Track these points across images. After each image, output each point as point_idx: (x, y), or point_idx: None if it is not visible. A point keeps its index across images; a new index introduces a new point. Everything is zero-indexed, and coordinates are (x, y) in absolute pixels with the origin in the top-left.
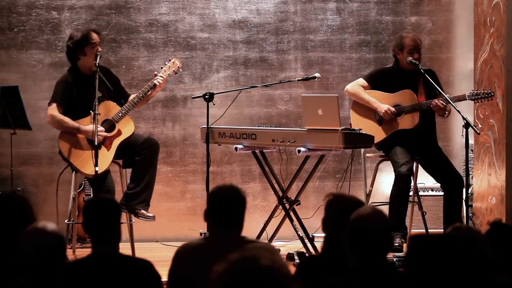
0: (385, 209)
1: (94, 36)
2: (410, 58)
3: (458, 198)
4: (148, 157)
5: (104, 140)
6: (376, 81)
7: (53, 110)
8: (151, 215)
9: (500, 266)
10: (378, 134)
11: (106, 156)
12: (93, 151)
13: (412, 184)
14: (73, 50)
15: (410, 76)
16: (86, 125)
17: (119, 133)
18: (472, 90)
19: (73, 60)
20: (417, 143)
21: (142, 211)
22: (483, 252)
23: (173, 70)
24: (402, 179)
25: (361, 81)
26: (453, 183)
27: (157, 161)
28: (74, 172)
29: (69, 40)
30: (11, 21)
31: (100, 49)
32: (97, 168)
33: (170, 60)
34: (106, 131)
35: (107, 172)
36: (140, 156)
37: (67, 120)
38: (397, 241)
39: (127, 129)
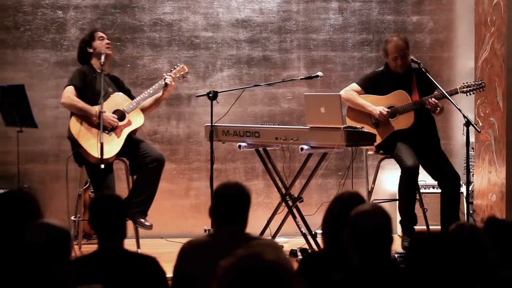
0: (387, 206)
1: (99, 32)
2: (411, 57)
3: (454, 197)
4: (155, 171)
5: (115, 127)
6: (369, 85)
7: (70, 92)
8: (148, 224)
9: (498, 261)
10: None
11: (116, 142)
12: (99, 144)
13: None
14: (84, 48)
15: (402, 77)
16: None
17: (129, 123)
18: (464, 83)
19: (86, 60)
20: (416, 142)
21: (141, 219)
22: (485, 249)
23: (181, 74)
24: (409, 172)
25: (355, 86)
26: (448, 182)
27: (161, 176)
28: (80, 163)
29: (79, 44)
30: (17, 21)
31: (108, 42)
32: (102, 166)
33: (178, 65)
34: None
35: (110, 170)
36: (148, 166)
37: (82, 102)
38: (405, 246)
39: (137, 120)
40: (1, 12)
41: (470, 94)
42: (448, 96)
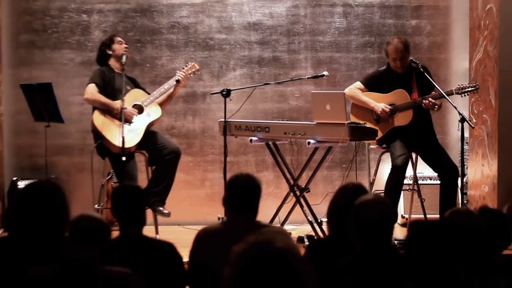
0: None
1: (118, 37)
2: (411, 58)
3: (453, 187)
4: (172, 162)
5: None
6: (372, 84)
7: (92, 89)
8: (166, 212)
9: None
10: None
11: (137, 133)
12: (121, 136)
13: (412, 173)
14: (104, 51)
15: (402, 76)
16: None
17: (148, 115)
18: (459, 85)
19: (105, 61)
20: (414, 137)
21: (160, 208)
22: (479, 233)
23: (193, 71)
24: (396, 171)
25: (358, 84)
26: (448, 173)
27: (177, 167)
28: (103, 155)
29: (100, 47)
30: (45, 23)
31: (126, 46)
32: (123, 158)
33: (190, 63)
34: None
35: (133, 161)
36: (165, 158)
37: (104, 97)
38: None
39: (155, 113)
40: (30, 16)
41: (464, 96)
42: (445, 95)
